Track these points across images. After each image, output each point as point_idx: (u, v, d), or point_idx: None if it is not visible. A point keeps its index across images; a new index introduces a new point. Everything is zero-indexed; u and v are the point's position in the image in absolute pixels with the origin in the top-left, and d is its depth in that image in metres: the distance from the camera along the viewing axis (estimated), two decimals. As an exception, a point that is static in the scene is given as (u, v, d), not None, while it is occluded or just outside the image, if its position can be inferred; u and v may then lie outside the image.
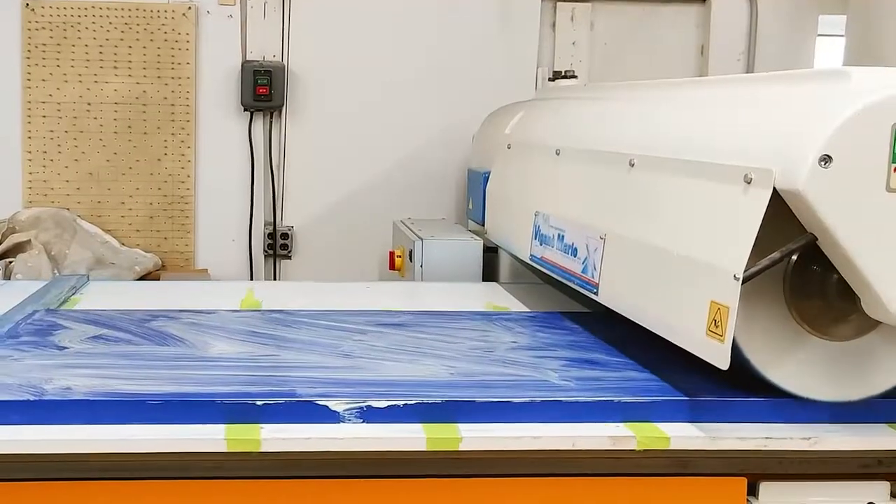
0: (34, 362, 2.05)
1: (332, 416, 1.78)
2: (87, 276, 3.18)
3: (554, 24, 4.56)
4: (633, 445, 1.77)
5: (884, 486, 1.85)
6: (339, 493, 1.76)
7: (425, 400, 1.82)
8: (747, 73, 4.44)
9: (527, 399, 1.84)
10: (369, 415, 1.79)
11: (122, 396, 1.82)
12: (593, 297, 2.34)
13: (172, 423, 1.77)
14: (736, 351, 1.79)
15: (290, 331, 2.38)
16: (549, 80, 4.38)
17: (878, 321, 1.77)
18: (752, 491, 1.83)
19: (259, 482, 1.75)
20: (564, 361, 2.16)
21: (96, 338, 2.27)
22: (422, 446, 1.75)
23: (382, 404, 1.80)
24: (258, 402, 1.79)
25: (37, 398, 1.80)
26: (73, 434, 1.73)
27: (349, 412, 1.79)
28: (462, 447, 1.75)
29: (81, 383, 1.89)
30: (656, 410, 1.85)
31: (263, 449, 1.72)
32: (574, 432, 1.79)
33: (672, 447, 1.78)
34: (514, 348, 2.29)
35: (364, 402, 1.80)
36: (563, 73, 4.17)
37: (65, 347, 2.18)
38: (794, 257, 1.79)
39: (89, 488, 1.73)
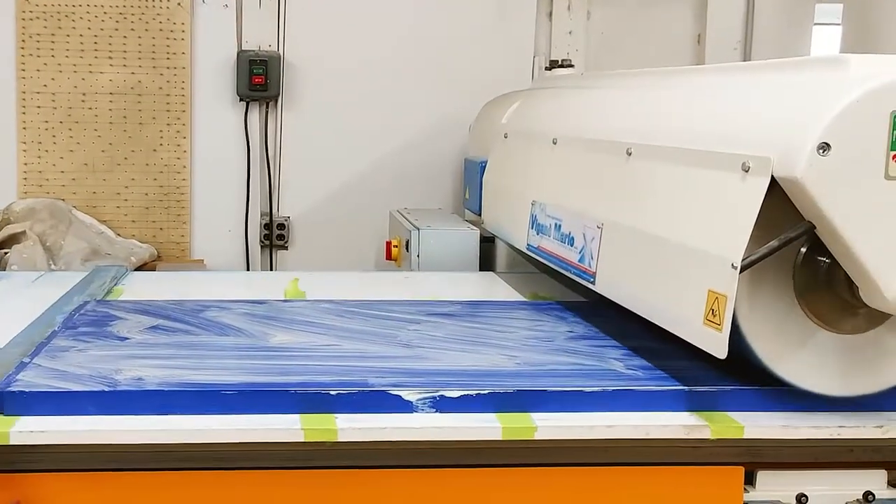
0: (98, 353, 2.05)
1: (405, 406, 1.80)
2: (126, 268, 3.17)
3: (551, 14, 4.55)
4: (707, 434, 1.79)
5: (881, 475, 1.85)
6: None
7: (497, 390, 1.84)
8: (744, 61, 4.43)
9: (598, 388, 1.86)
10: (442, 404, 1.81)
11: (195, 387, 1.83)
12: (590, 286, 2.33)
13: (247, 413, 1.78)
14: (744, 344, 1.79)
15: (343, 320, 2.38)
16: (546, 69, 4.38)
17: (887, 314, 1.76)
18: (750, 480, 1.83)
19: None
20: (625, 350, 2.16)
21: (154, 328, 2.28)
22: (497, 435, 1.77)
23: (455, 394, 1.82)
24: (332, 392, 1.80)
25: (111, 389, 1.80)
26: (149, 425, 1.74)
27: (422, 402, 1.81)
28: (537, 436, 1.77)
29: (152, 374, 1.90)
30: (727, 400, 1.86)
31: (340, 438, 1.74)
32: (647, 421, 1.80)
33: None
34: (572, 338, 2.28)
35: (437, 391, 1.82)
36: (559, 63, 4.17)
37: (126, 338, 2.19)
38: (803, 249, 1.78)
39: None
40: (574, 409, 1.83)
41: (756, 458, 1.83)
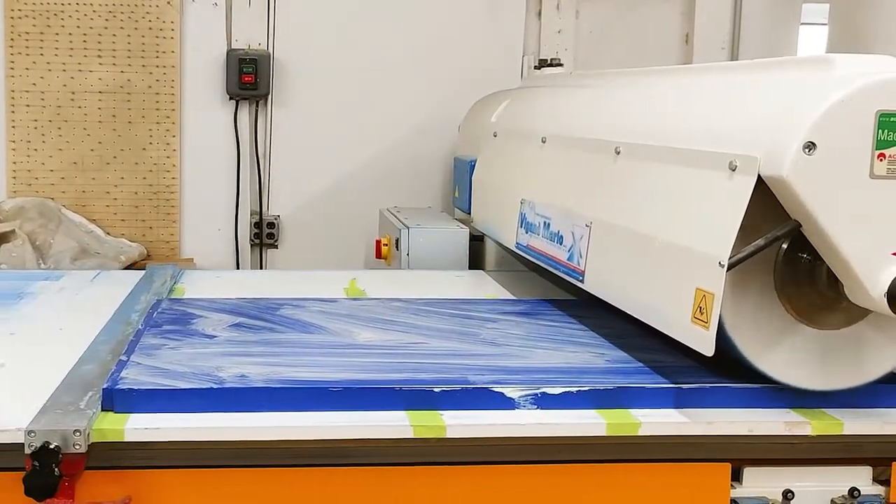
0: (192, 350, 2.07)
1: (507, 403, 1.83)
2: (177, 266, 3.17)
3: (540, 13, 4.56)
4: (808, 431, 1.81)
5: (866, 471, 1.87)
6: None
7: (597, 386, 1.86)
8: (732, 60, 4.45)
9: (695, 385, 1.88)
10: (543, 401, 1.84)
11: (301, 384, 1.85)
12: (579, 284, 2.35)
13: (352, 410, 1.80)
14: (726, 340, 1.81)
15: (418, 319, 2.40)
16: (535, 68, 4.39)
17: (867, 310, 1.78)
18: (737, 476, 1.84)
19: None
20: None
21: (237, 326, 2.30)
22: (601, 431, 1.79)
23: (556, 391, 1.85)
24: (436, 389, 1.83)
25: (219, 386, 1.82)
26: (257, 421, 1.76)
27: (524, 398, 1.84)
28: (640, 432, 1.80)
29: (254, 371, 1.91)
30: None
31: (448, 435, 1.76)
32: (748, 417, 1.82)
33: (845, 432, 1.82)
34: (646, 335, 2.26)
35: (538, 388, 1.85)
36: (548, 62, 4.18)
37: (213, 336, 2.20)
38: (784, 246, 1.80)
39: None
40: (673, 406, 1.86)
41: (743, 455, 1.84)
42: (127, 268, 4.09)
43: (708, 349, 1.75)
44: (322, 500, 1.77)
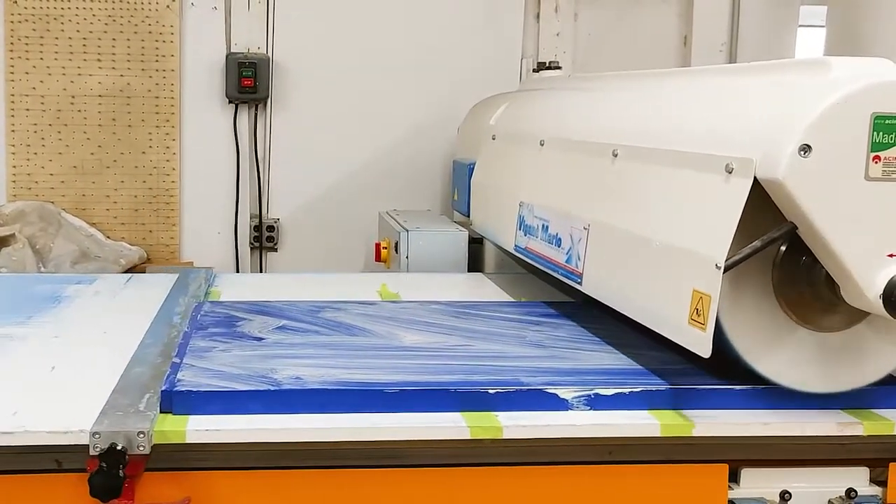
0: (242, 353, 2.08)
1: (560, 404, 1.85)
2: (213, 270, 3.20)
3: (538, 16, 4.57)
4: (860, 431, 1.82)
5: (863, 472, 1.88)
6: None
7: (649, 388, 1.88)
8: (729, 63, 4.46)
9: (748, 386, 1.88)
10: (596, 402, 1.86)
11: (357, 386, 1.86)
12: (577, 286, 2.35)
13: (408, 411, 1.82)
14: (725, 342, 1.81)
15: (459, 321, 2.41)
16: (534, 71, 4.39)
17: (866, 312, 1.79)
18: (734, 477, 1.85)
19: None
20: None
21: (282, 328, 2.31)
22: (655, 432, 1.81)
23: (609, 392, 1.86)
24: (490, 391, 1.84)
25: (276, 388, 1.83)
26: (315, 423, 1.77)
27: (577, 399, 1.86)
28: (695, 433, 1.81)
29: (307, 373, 1.93)
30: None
31: (505, 436, 1.77)
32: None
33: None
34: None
35: (591, 390, 1.86)
36: (547, 64, 4.18)
37: (261, 338, 2.22)
38: (783, 248, 1.81)
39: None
40: (726, 406, 1.86)
41: (740, 456, 1.85)
42: (127, 271, 4.10)
43: (705, 351, 1.76)
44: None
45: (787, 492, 1.85)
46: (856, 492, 1.86)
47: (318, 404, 1.81)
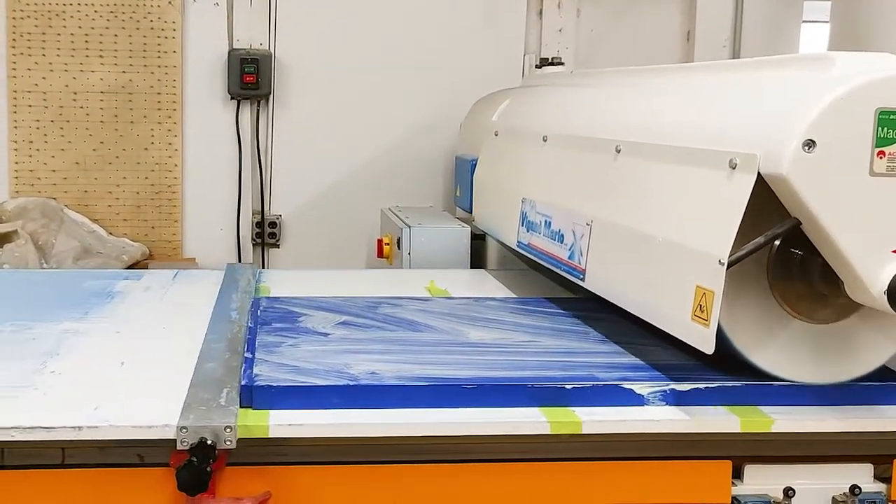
0: (311, 348, 2.10)
1: (636, 399, 1.85)
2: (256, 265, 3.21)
3: (541, 12, 4.56)
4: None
5: (867, 468, 1.87)
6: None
7: (725, 384, 1.87)
8: (733, 59, 4.45)
9: (824, 385, 1.87)
10: (672, 397, 1.85)
11: (434, 381, 1.88)
12: (580, 283, 2.35)
13: (485, 406, 1.82)
14: (721, 335, 1.81)
15: (519, 317, 2.42)
16: (536, 67, 4.39)
17: (859, 304, 1.78)
18: (737, 474, 1.84)
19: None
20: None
21: (344, 324, 2.32)
22: (735, 427, 1.81)
23: (685, 387, 1.86)
24: (567, 386, 1.84)
25: (354, 383, 1.85)
26: (395, 418, 1.78)
27: (653, 395, 1.85)
28: (774, 429, 1.81)
29: (382, 368, 1.95)
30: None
31: (584, 431, 1.78)
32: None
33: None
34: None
35: (667, 385, 1.86)
36: (549, 60, 4.19)
37: (326, 333, 2.23)
38: (777, 242, 1.81)
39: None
40: (804, 403, 1.86)
41: (744, 452, 1.85)
42: (129, 267, 4.10)
43: (708, 347, 1.76)
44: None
45: (791, 488, 1.85)
46: (860, 488, 1.85)
47: (397, 399, 1.82)
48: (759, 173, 1.70)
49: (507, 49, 4.50)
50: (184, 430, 1.65)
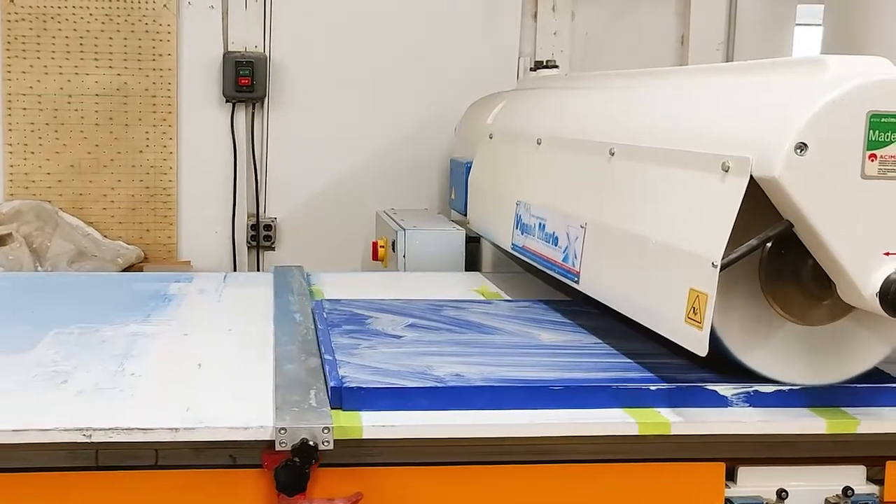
0: (389, 350, 2.11)
1: (721, 401, 1.85)
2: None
3: (535, 15, 4.57)
4: (857, 430, 1.83)
5: (860, 470, 1.87)
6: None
7: (808, 385, 1.86)
8: (727, 62, 4.46)
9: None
10: (756, 399, 1.85)
11: (520, 383, 1.88)
12: (574, 285, 2.35)
13: (571, 407, 1.83)
14: (713, 337, 1.81)
15: (584, 320, 2.40)
16: (531, 69, 4.39)
17: (851, 306, 1.79)
18: (731, 476, 1.85)
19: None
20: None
21: (413, 326, 2.33)
22: (821, 429, 1.82)
23: (768, 389, 1.86)
24: (652, 388, 1.86)
25: (442, 385, 1.86)
26: (484, 419, 1.79)
27: (737, 396, 1.86)
28: (859, 430, 1.81)
29: (465, 370, 1.95)
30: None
31: (673, 432, 1.79)
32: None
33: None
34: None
35: (750, 387, 1.86)
36: (544, 63, 4.18)
37: (398, 335, 2.24)
38: (769, 244, 1.81)
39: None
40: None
41: (737, 454, 1.85)
42: (124, 270, 4.10)
43: (701, 349, 1.76)
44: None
45: (784, 490, 1.85)
46: (853, 490, 1.85)
47: (485, 401, 1.83)
48: (751, 176, 1.70)
49: (502, 52, 4.51)
50: (282, 431, 1.66)
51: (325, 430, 1.68)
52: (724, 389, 1.86)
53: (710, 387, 1.86)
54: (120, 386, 1.92)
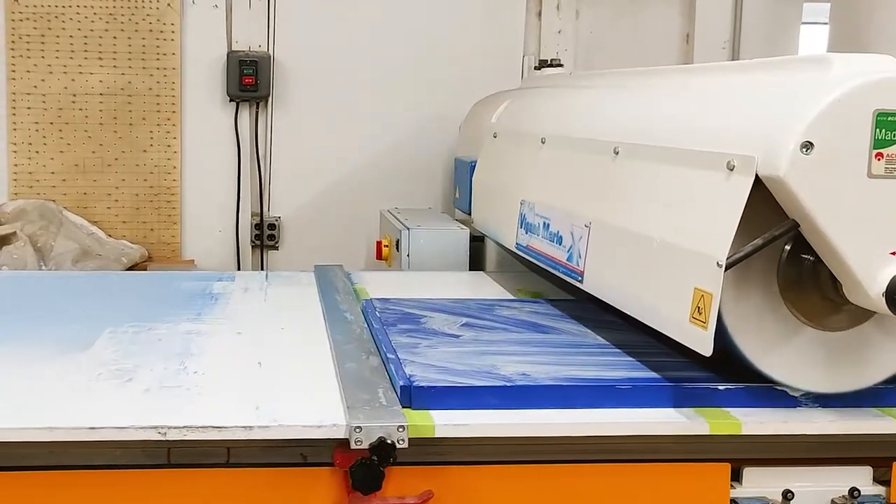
0: (450, 349, 2.11)
1: (790, 401, 1.85)
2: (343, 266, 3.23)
3: (540, 13, 4.56)
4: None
5: (866, 471, 1.86)
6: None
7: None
8: (732, 60, 4.44)
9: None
10: (824, 399, 1.85)
11: (587, 382, 1.90)
12: (578, 284, 2.34)
13: (638, 407, 1.84)
14: (729, 342, 1.80)
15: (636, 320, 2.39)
16: (535, 68, 4.38)
17: (870, 312, 1.77)
18: (736, 476, 1.84)
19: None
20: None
21: (468, 325, 2.33)
22: (891, 429, 1.82)
23: None
24: (720, 387, 1.86)
25: (511, 384, 1.87)
26: (554, 418, 1.80)
27: (805, 396, 1.85)
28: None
29: (531, 369, 1.96)
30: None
31: (744, 431, 1.79)
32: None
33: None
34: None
35: None
36: (548, 62, 4.17)
37: (456, 335, 2.24)
38: (787, 247, 1.79)
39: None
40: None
41: (742, 455, 1.84)
42: (129, 269, 4.10)
43: (706, 349, 1.75)
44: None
45: (790, 491, 1.84)
46: (859, 491, 1.84)
47: (554, 400, 1.84)
48: (756, 175, 1.69)
49: (506, 51, 4.50)
50: (358, 430, 1.67)
51: (401, 429, 1.68)
52: (793, 390, 1.85)
53: (780, 387, 1.85)
54: (185, 384, 1.93)
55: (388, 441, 1.66)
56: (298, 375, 2.02)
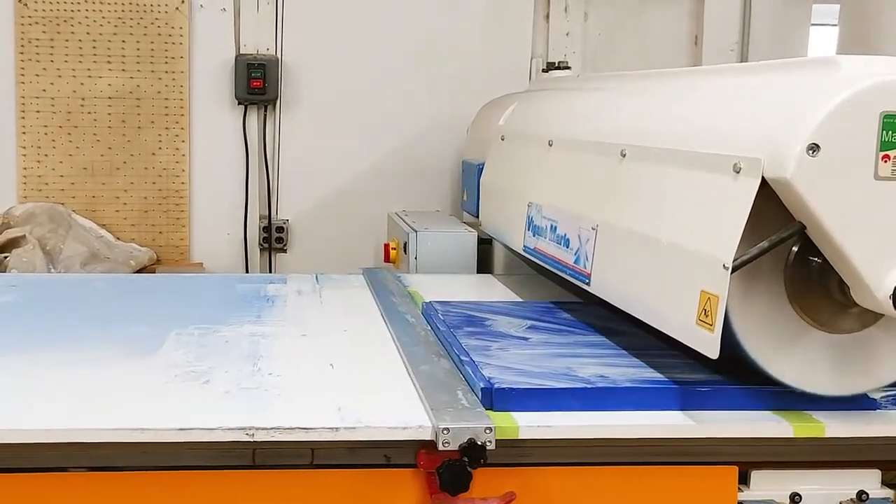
0: (522, 351, 2.12)
1: (870, 404, 1.86)
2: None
3: (548, 15, 4.56)
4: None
5: (875, 474, 1.86)
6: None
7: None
8: (741, 62, 4.43)
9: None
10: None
11: (667, 384, 1.90)
12: (585, 287, 2.34)
13: (715, 409, 1.85)
14: (737, 345, 1.80)
15: None
16: (543, 71, 4.38)
17: (879, 314, 1.76)
18: (744, 479, 1.83)
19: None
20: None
21: (534, 328, 2.35)
22: None
23: None
24: (797, 390, 1.83)
25: (591, 386, 1.88)
26: (641, 419, 1.81)
27: (885, 399, 1.87)
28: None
29: (609, 371, 1.97)
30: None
31: (827, 434, 1.79)
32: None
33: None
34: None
35: None
36: (556, 64, 4.17)
37: (524, 337, 2.26)
38: (794, 249, 1.79)
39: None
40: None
41: (750, 458, 1.83)
42: (137, 272, 4.11)
43: (713, 352, 1.74)
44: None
45: (798, 494, 1.83)
46: (867, 494, 1.83)
47: (635, 402, 1.84)
48: (763, 177, 1.69)
49: (514, 53, 4.50)
50: (445, 432, 1.67)
51: (488, 431, 1.68)
52: (873, 391, 1.85)
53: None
54: (263, 386, 1.94)
55: (479, 442, 1.66)
56: (372, 377, 2.04)
